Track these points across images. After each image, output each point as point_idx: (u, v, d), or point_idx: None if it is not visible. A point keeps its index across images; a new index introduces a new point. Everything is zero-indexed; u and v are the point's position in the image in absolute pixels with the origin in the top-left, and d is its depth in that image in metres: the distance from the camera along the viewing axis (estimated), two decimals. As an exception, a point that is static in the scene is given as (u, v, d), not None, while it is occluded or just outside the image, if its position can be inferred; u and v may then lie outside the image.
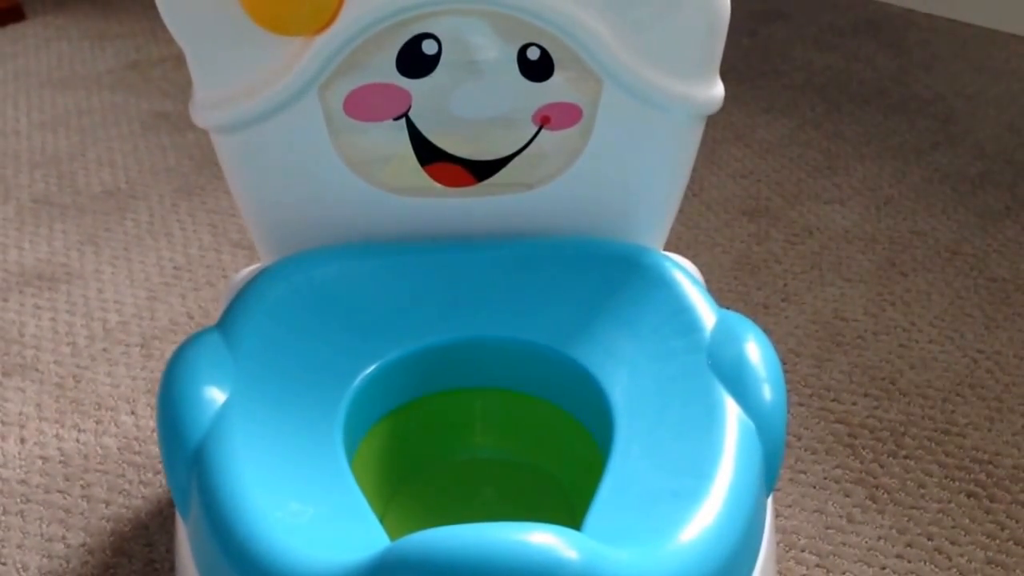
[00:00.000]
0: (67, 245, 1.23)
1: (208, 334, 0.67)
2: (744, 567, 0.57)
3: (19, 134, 1.47)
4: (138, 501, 0.89)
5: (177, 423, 0.61)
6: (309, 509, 0.56)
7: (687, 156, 0.75)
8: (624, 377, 0.65)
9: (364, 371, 0.67)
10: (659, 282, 0.71)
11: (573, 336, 0.69)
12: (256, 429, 0.61)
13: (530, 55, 0.70)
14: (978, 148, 1.44)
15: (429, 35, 0.69)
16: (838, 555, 0.84)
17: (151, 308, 1.13)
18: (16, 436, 0.96)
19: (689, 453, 0.58)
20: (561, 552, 0.48)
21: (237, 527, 0.54)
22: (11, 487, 0.90)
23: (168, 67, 1.68)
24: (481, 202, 0.75)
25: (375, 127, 0.72)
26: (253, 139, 0.72)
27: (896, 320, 1.11)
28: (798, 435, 0.96)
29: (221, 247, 1.23)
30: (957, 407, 0.99)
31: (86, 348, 1.07)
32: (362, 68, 0.70)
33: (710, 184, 1.36)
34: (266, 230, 0.76)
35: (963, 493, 0.90)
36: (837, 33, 1.80)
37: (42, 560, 0.84)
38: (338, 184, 0.74)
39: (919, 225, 1.27)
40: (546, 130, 0.73)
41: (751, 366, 0.64)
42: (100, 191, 1.34)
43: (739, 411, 0.61)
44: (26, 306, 1.13)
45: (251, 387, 0.64)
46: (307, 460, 0.60)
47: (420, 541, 0.48)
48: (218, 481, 0.57)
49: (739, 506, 0.56)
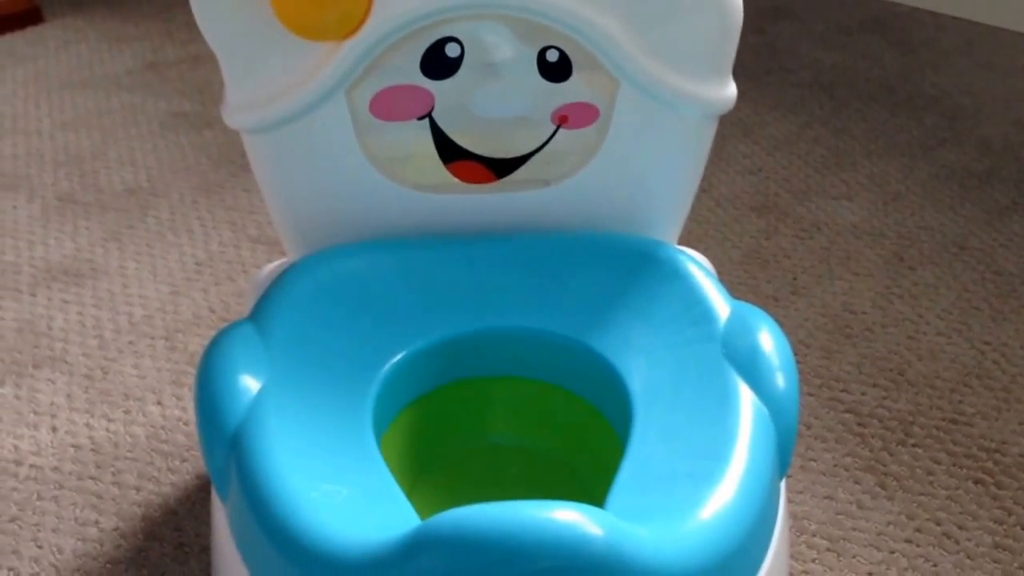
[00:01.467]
0: (91, 242, 1.26)
1: (242, 326, 0.70)
2: (759, 546, 0.59)
3: (42, 134, 1.50)
4: (167, 488, 0.92)
5: (215, 410, 0.64)
6: (343, 490, 0.58)
7: (700, 154, 0.77)
8: (641, 365, 0.68)
9: (390, 361, 0.70)
10: (674, 274, 0.73)
11: (591, 326, 0.71)
12: (290, 415, 0.64)
13: (549, 57, 0.73)
14: (985, 145, 1.46)
15: (452, 39, 0.72)
16: (848, 540, 0.87)
17: (174, 302, 1.15)
18: (48, 425, 0.99)
19: (705, 437, 0.61)
20: (586, 528, 0.50)
21: (276, 506, 0.57)
22: (45, 474, 0.93)
23: (184, 68, 1.71)
24: (501, 198, 0.78)
25: (400, 127, 0.75)
26: (282, 139, 0.75)
27: (904, 313, 1.13)
28: (808, 424, 0.98)
29: (240, 243, 1.26)
30: (965, 397, 1.02)
31: (113, 341, 1.09)
32: (387, 70, 0.72)
33: (719, 180, 1.38)
34: (294, 226, 0.79)
35: (971, 480, 0.92)
36: (844, 31, 1.82)
37: (76, 543, 0.87)
38: (364, 182, 0.76)
39: (926, 220, 1.29)
40: (564, 129, 0.75)
41: (764, 355, 0.67)
42: (122, 189, 1.37)
43: (753, 397, 0.64)
44: (54, 301, 1.16)
45: (284, 376, 0.66)
46: (339, 444, 0.63)
47: (451, 518, 0.51)
48: (256, 464, 0.60)
49: (754, 487, 0.58)
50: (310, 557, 0.55)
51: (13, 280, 1.19)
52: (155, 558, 0.86)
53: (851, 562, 0.85)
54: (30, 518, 0.89)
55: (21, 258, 1.23)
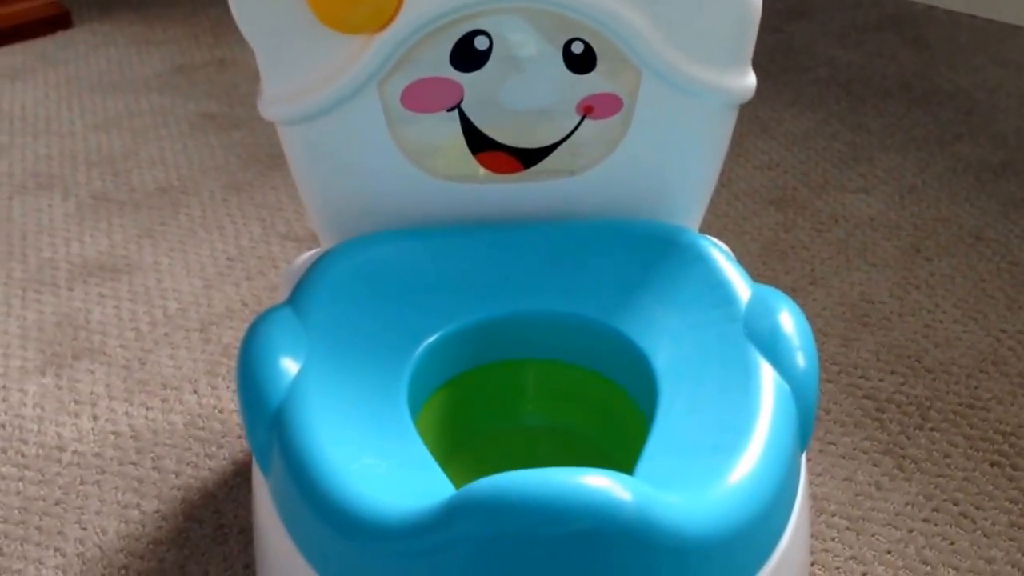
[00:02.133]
0: (126, 238, 1.29)
1: (281, 310, 0.72)
2: (781, 515, 0.62)
3: (75, 135, 1.54)
4: (205, 472, 0.95)
5: (257, 389, 0.66)
6: (382, 463, 0.61)
7: (721, 142, 0.80)
8: (666, 345, 0.70)
9: (423, 343, 0.72)
10: (696, 258, 0.76)
11: (617, 309, 0.74)
12: (329, 394, 0.66)
13: (574, 49, 0.76)
14: (1000, 139, 1.48)
15: (481, 32, 0.74)
16: (867, 519, 0.89)
17: (208, 296, 1.19)
18: (89, 414, 1.02)
19: (729, 411, 0.63)
20: (617, 493, 0.53)
21: (318, 479, 0.60)
22: (87, 460, 0.96)
23: (211, 71, 1.74)
24: (528, 187, 0.81)
25: (430, 118, 0.77)
26: (317, 130, 0.77)
27: (921, 302, 1.15)
28: (827, 409, 1.01)
29: (270, 239, 1.29)
30: (981, 383, 1.04)
31: (149, 333, 1.13)
32: (418, 63, 0.75)
33: (738, 176, 1.40)
34: (328, 215, 0.82)
35: (987, 462, 0.94)
36: (860, 30, 1.85)
37: (119, 525, 0.90)
38: (395, 172, 0.79)
39: (942, 212, 1.31)
40: (589, 119, 0.78)
41: (785, 334, 0.69)
42: (154, 188, 1.40)
43: (774, 374, 0.66)
44: (91, 295, 1.19)
45: (322, 357, 0.69)
46: (376, 421, 0.65)
47: (486, 484, 0.53)
48: (299, 440, 0.62)
49: (777, 458, 0.60)
50: (352, 525, 0.57)
51: (51, 275, 1.22)
52: (195, 539, 0.88)
53: (870, 540, 0.87)
54: (74, 501, 0.92)
55: (58, 254, 1.26)
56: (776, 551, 0.60)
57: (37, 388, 1.05)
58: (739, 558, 0.58)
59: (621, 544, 0.52)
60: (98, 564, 0.86)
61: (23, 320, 1.15)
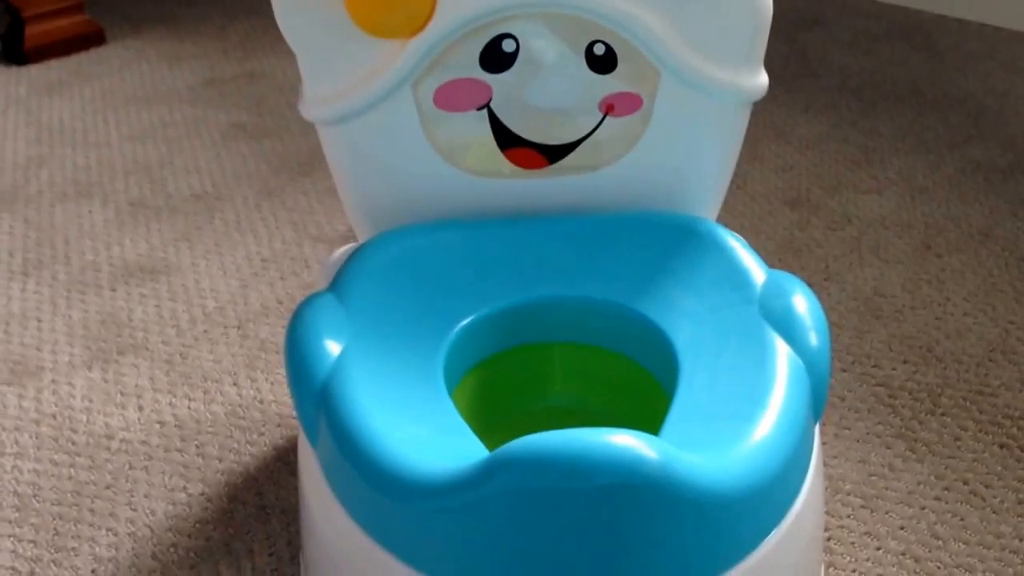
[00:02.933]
0: (163, 242, 1.35)
1: (324, 295, 0.77)
2: (796, 476, 0.66)
3: (111, 145, 1.59)
4: (247, 458, 1.00)
5: (305, 367, 0.71)
6: (422, 431, 0.66)
7: (736, 137, 0.84)
8: (686, 326, 0.75)
9: (457, 326, 0.77)
10: (714, 246, 0.80)
11: (639, 293, 0.78)
12: (371, 371, 0.71)
13: (596, 51, 0.80)
14: (1009, 141, 1.52)
15: (508, 35, 0.79)
16: (881, 498, 0.93)
17: (244, 295, 1.24)
18: (135, 405, 1.07)
19: (747, 383, 0.68)
20: (643, 451, 0.57)
21: (364, 446, 0.64)
22: (134, 447, 1.01)
23: (241, 83, 1.80)
24: (553, 182, 0.85)
25: (461, 117, 0.82)
26: (355, 130, 0.82)
27: (932, 296, 1.19)
28: (842, 396, 1.05)
29: (302, 241, 1.34)
30: (990, 371, 1.08)
31: (189, 330, 1.18)
32: (450, 65, 0.80)
33: (753, 178, 1.45)
34: (365, 210, 0.87)
35: (996, 445, 0.98)
36: (872, 39, 1.89)
37: (167, 507, 0.94)
38: (428, 168, 0.84)
39: (953, 211, 1.35)
40: (610, 117, 0.83)
41: (799, 315, 0.74)
42: (189, 194, 1.45)
43: (789, 350, 0.70)
44: (132, 295, 1.24)
45: (363, 338, 0.74)
46: (415, 395, 0.70)
47: (522, 443, 0.58)
48: (344, 412, 0.67)
49: (792, 424, 0.65)
50: (397, 485, 0.62)
51: (94, 277, 1.28)
52: (240, 518, 0.93)
53: (884, 517, 0.91)
54: (123, 486, 0.97)
55: (100, 257, 1.32)
56: (791, 512, 0.65)
57: (84, 382, 1.11)
58: (755, 514, 0.62)
59: (646, 498, 0.57)
60: (148, 542, 0.91)
61: (69, 319, 1.20)
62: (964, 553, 0.87)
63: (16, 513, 0.94)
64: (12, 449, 1.02)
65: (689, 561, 0.59)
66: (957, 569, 0.86)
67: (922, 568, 0.86)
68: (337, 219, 1.38)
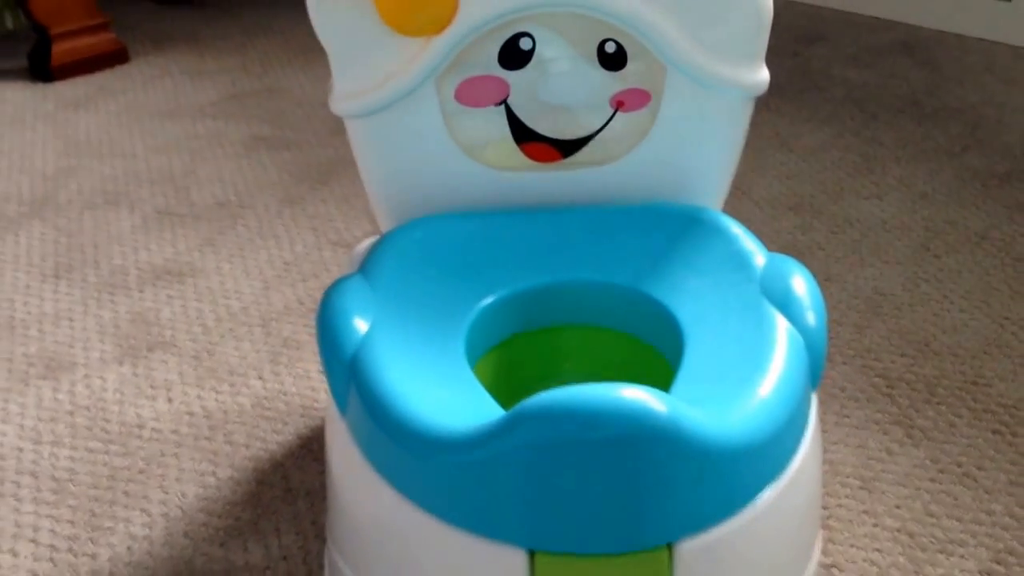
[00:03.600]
0: (189, 247, 1.40)
1: (352, 278, 0.82)
2: (793, 436, 0.70)
3: (136, 157, 1.65)
4: (273, 446, 1.04)
5: (336, 341, 0.76)
6: (445, 395, 0.70)
7: (739, 130, 0.89)
8: (691, 305, 0.79)
9: (476, 308, 0.82)
10: (717, 232, 0.85)
11: (647, 276, 0.82)
12: (396, 346, 0.75)
13: (607, 49, 0.85)
14: (1006, 149, 1.56)
15: (525, 34, 0.84)
16: (878, 480, 0.97)
17: (267, 296, 1.28)
18: (164, 397, 1.12)
19: (748, 351, 0.72)
20: (652, 404, 0.61)
21: (392, 409, 0.69)
22: (165, 435, 1.06)
23: (261, 98, 1.86)
24: (567, 175, 0.90)
25: (480, 112, 0.87)
26: (380, 123, 0.87)
27: (930, 294, 1.24)
28: (842, 387, 1.09)
29: (322, 246, 1.39)
30: (985, 363, 1.12)
31: (215, 328, 1.23)
32: (470, 63, 0.85)
33: (758, 186, 1.50)
34: (387, 201, 0.91)
35: (989, 431, 1.02)
36: (874, 53, 1.94)
37: (198, 489, 0.99)
38: (449, 160, 0.89)
39: (951, 215, 1.40)
40: (621, 112, 0.88)
41: (797, 294, 0.78)
42: (212, 202, 1.51)
43: (788, 324, 0.75)
44: (160, 296, 1.29)
45: (389, 317, 0.78)
46: (438, 366, 0.74)
47: (541, 396, 0.62)
48: (373, 381, 0.71)
49: (790, 388, 0.69)
50: (425, 442, 0.66)
51: (123, 279, 1.33)
52: (267, 500, 0.98)
53: (880, 497, 0.95)
54: (155, 471, 1.02)
55: (128, 261, 1.37)
56: (789, 468, 0.69)
57: (116, 376, 1.15)
58: (755, 466, 0.66)
59: (654, 447, 0.61)
60: (180, 522, 0.96)
61: (100, 318, 1.25)
62: (957, 529, 0.91)
63: (54, 496, 0.99)
64: (49, 438, 1.06)
65: (695, 506, 0.64)
66: (950, 544, 0.90)
67: (916, 543, 0.90)
68: (355, 225, 1.43)
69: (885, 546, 0.90)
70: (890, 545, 0.90)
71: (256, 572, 0.90)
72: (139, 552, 0.92)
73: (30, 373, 1.16)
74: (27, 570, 0.91)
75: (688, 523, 0.65)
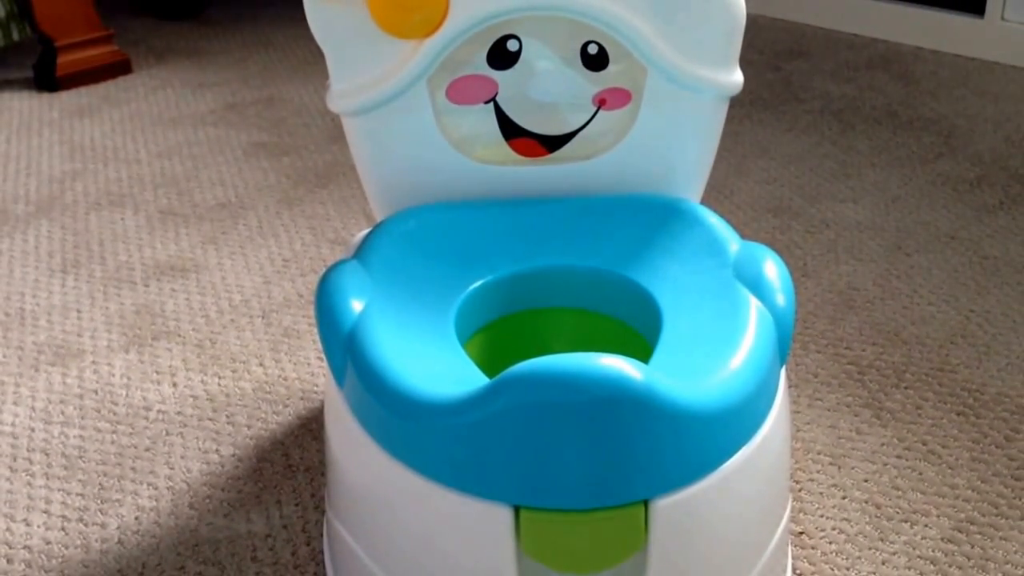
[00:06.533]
0: (191, 244, 1.45)
1: (349, 261, 0.88)
2: (762, 405, 0.76)
3: (140, 162, 1.71)
4: (273, 426, 1.10)
5: (333, 320, 0.81)
6: (436, 367, 0.76)
7: (715, 128, 0.95)
8: (669, 288, 0.85)
9: (467, 289, 0.87)
10: (694, 221, 0.91)
11: (628, 262, 0.88)
12: (390, 324, 0.81)
13: (590, 50, 0.91)
14: (976, 157, 1.63)
15: (512, 36, 0.90)
16: (847, 456, 1.03)
17: (267, 289, 1.34)
18: (169, 382, 1.17)
19: (721, 329, 0.78)
20: (629, 372, 0.67)
21: (386, 380, 0.74)
22: (170, 417, 1.11)
23: (261, 107, 1.92)
24: (552, 169, 0.96)
25: (470, 110, 0.93)
26: (375, 120, 0.93)
27: (901, 289, 1.30)
28: (815, 373, 1.15)
29: (320, 244, 1.45)
30: (951, 352, 1.18)
31: (217, 319, 1.28)
32: (461, 63, 0.91)
33: (739, 190, 1.56)
34: (382, 194, 0.97)
35: (954, 412, 1.08)
36: (852, 68, 2.01)
37: (201, 465, 1.04)
38: (440, 155, 0.94)
39: (923, 217, 1.46)
40: (603, 111, 0.93)
41: (767, 277, 0.84)
42: (214, 204, 1.56)
43: (759, 304, 0.81)
44: (164, 290, 1.35)
45: (383, 297, 0.84)
46: (429, 343, 0.80)
47: (524, 364, 0.68)
48: (369, 353, 0.77)
49: (759, 361, 0.75)
50: (418, 407, 0.72)
51: (128, 274, 1.38)
52: (268, 475, 1.03)
53: (850, 472, 1.01)
54: (161, 448, 1.07)
55: (133, 258, 1.42)
56: (758, 434, 0.75)
57: (123, 362, 1.21)
58: (726, 431, 0.72)
59: (630, 410, 0.67)
60: (185, 495, 1.01)
61: (106, 310, 1.31)
62: (921, 501, 0.97)
63: (64, 471, 1.04)
64: (59, 418, 1.12)
65: (670, 467, 0.69)
66: (914, 514, 0.96)
67: (882, 513, 0.96)
68: (352, 224, 1.49)
69: (853, 516, 0.96)
70: (858, 515, 0.96)
71: (258, 539, 0.95)
72: (147, 522, 0.97)
73: (40, 360, 1.21)
74: (40, 538, 0.96)
75: (663, 482, 0.70)
